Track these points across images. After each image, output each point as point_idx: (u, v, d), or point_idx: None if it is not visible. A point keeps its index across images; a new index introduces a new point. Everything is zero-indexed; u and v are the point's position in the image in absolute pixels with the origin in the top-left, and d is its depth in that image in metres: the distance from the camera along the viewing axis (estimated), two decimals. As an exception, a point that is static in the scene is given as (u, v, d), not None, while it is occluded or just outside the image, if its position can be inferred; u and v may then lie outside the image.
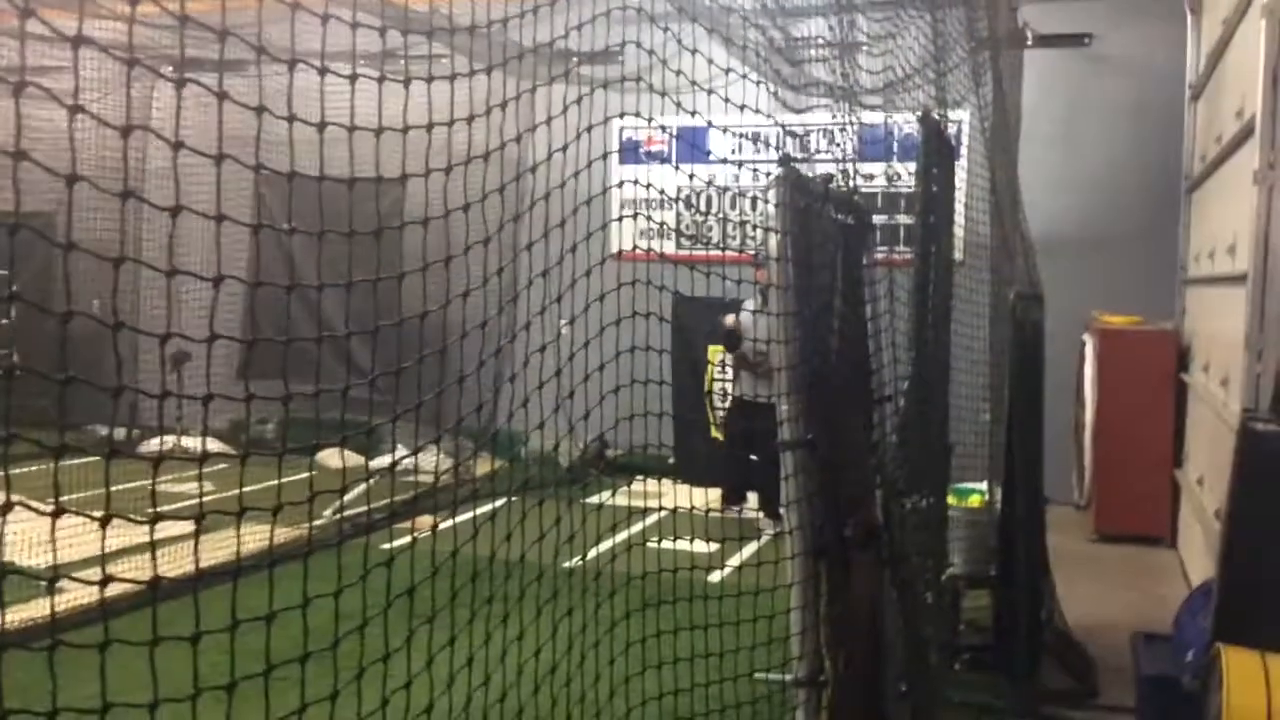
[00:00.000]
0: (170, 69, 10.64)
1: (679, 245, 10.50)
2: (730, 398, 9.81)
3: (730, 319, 9.27)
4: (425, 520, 3.10)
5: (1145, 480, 9.38)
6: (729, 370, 9.91)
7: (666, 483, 8.37)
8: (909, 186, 6.08)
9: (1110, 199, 10.74)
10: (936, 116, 5.23)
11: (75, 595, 4.99)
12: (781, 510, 4.03)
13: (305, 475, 2.40)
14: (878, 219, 5.51)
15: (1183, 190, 10.33)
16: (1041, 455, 6.57)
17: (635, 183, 3.94)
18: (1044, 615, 6.43)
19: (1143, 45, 10.72)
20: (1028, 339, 6.42)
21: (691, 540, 4.31)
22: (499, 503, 3.53)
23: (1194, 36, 10.25)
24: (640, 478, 5.97)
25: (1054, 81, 10.70)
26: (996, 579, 6.29)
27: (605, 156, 3.71)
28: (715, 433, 10.59)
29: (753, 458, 9.19)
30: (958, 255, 6.46)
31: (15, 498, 1.64)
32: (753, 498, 9.72)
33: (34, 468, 1.86)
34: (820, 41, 4.33)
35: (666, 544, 4.13)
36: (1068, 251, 10.15)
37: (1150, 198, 10.56)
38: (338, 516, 3.07)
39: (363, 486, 2.49)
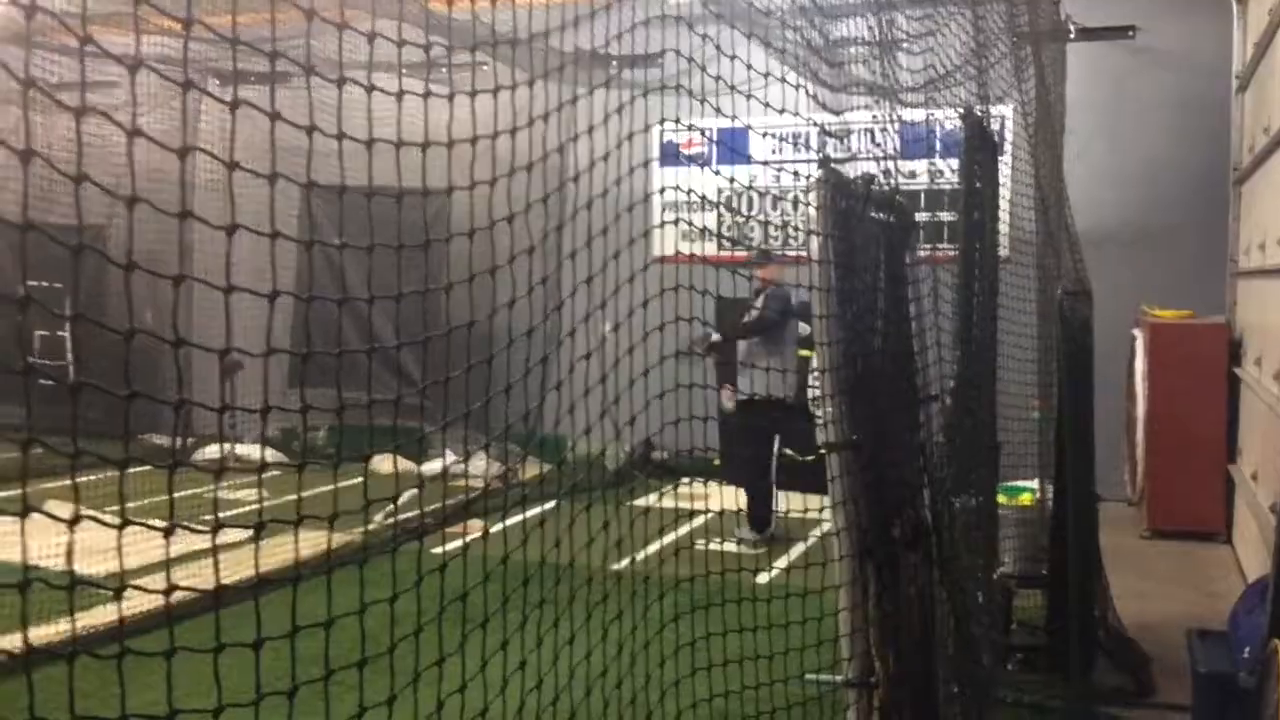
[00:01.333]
0: (216, 82, 10.80)
1: (720, 248, 10.50)
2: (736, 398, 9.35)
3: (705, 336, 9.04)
4: (476, 525, 3.14)
5: (1198, 475, 9.26)
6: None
7: (713, 485, 8.36)
8: (952, 184, 6.04)
9: (1157, 192, 10.63)
10: (978, 112, 5.21)
11: (137, 602, 5.10)
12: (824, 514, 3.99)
13: (358, 481, 2.44)
14: (921, 217, 5.49)
15: (1231, 181, 10.19)
16: (1093, 452, 6.52)
17: (676, 189, 3.96)
18: (1097, 613, 6.38)
19: (1187, 37, 10.59)
20: (1076, 335, 6.37)
21: (739, 543, 4.31)
22: (548, 506, 3.56)
23: (1240, 26, 10.11)
24: (686, 480, 5.97)
25: (1098, 75, 10.60)
26: (1048, 578, 6.24)
27: (646, 164, 3.74)
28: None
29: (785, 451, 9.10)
30: (1003, 252, 6.42)
31: (81, 510, 1.69)
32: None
33: (91, 477, 1.91)
34: (860, 41, 4.33)
35: (714, 545, 4.15)
36: (1115, 246, 10.06)
37: (1198, 190, 10.43)
38: (390, 522, 3.12)
39: (413, 492, 2.50)
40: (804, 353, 9.97)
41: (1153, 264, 10.38)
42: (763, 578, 7.21)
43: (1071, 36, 9.90)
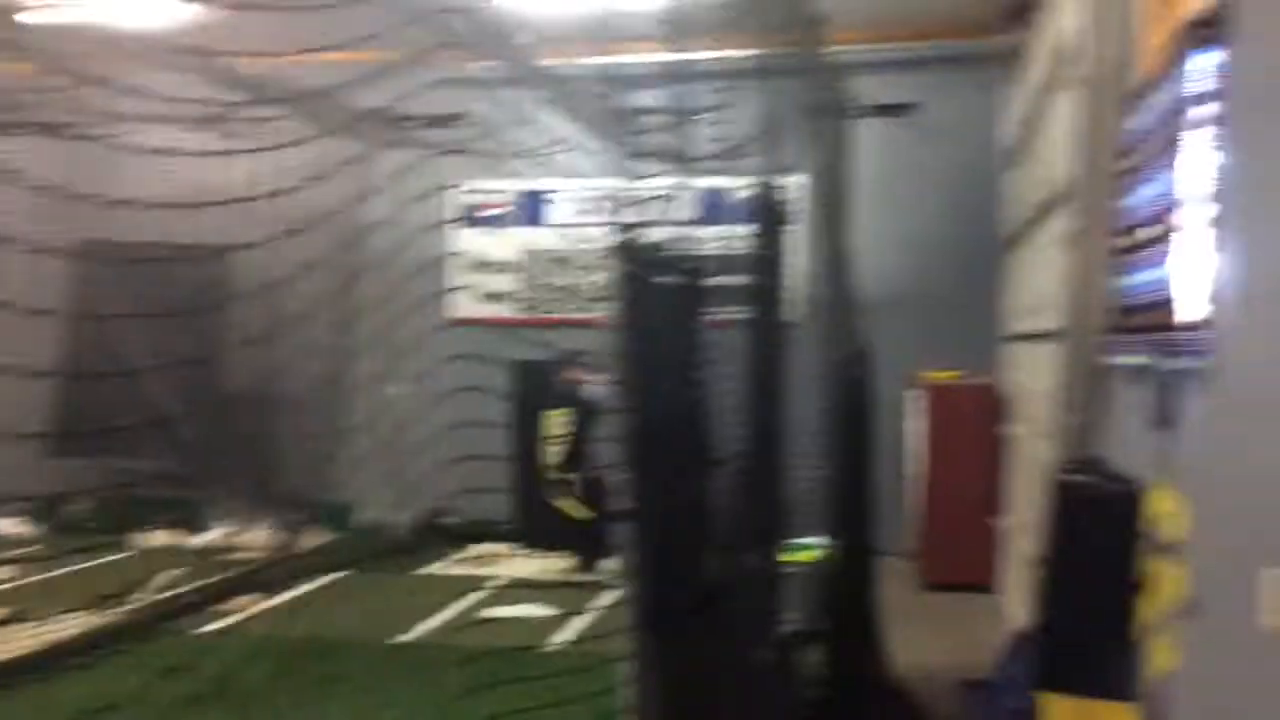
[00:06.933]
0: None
1: (522, 310, 10.50)
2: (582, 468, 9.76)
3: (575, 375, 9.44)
4: (245, 601, 2.96)
5: (969, 529, 9.74)
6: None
7: (506, 549, 8.23)
8: (745, 249, 6.20)
9: (935, 260, 11.23)
10: (769, 182, 5.38)
11: None
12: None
13: (124, 556, 2.28)
14: (714, 281, 5.62)
15: (1000, 251, 10.87)
16: (872, 508, 6.76)
17: (471, 255, 3.91)
18: (876, 666, 6.59)
19: (963, 114, 11.30)
20: (858, 395, 6.63)
21: (533, 616, 4.23)
22: (335, 577, 3.41)
23: (1009, 106, 10.86)
24: (479, 546, 5.81)
25: (882, 148, 11.15)
26: (830, 633, 6.41)
27: (444, 224, 3.68)
28: (564, 507, 10.26)
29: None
30: (792, 316, 6.62)
31: None
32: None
33: None
34: (656, 111, 4.43)
35: (505, 612, 4.05)
36: (896, 311, 10.52)
37: (972, 258, 11.07)
38: (155, 599, 2.89)
39: (175, 572, 2.34)
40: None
41: (929, 327, 10.93)
42: (554, 645, 7.12)
43: (858, 112, 10.40)
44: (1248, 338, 3.37)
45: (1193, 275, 3.72)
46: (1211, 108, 3.67)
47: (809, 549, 7.21)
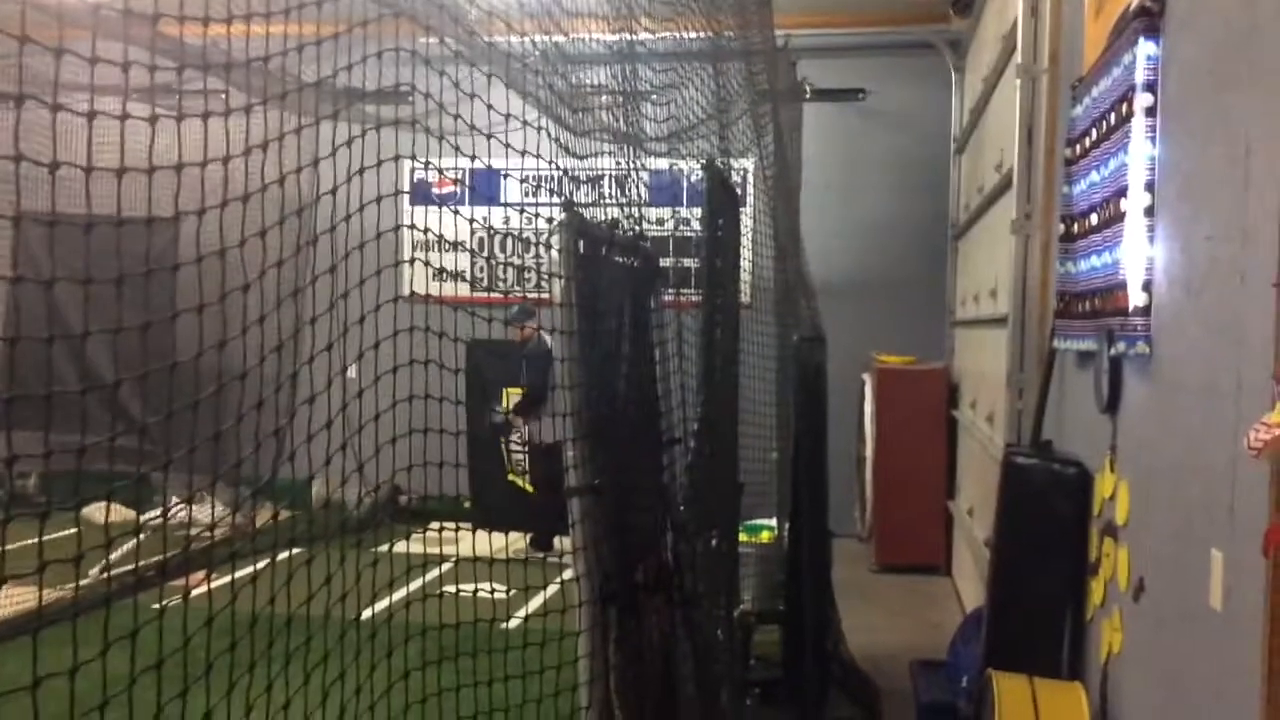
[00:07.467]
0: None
1: (474, 289, 10.52)
2: (529, 443, 9.93)
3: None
4: (199, 576, 2.94)
5: (921, 511, 9.86)
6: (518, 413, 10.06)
7: (464, 525, 8.23)
8: (697, 231, 6.24)
9: (886, 245, 11.33)
10: (720, 165, 5.40)
11: None
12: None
13: (71, 532, 2.26)
14: (666, 263, 5.64)
15: (949, 237, 10.98)
16: (826, 490, 6.82)
17: (426, 231, 3.90)
18: (830, 646, 6.65)
19: (912, 101, 11.39)
20: (811, 379, 6.68)
21: (492, 591, 4.25)
22: (294, 552, 3.38)
23: (958, 93, 10.96)
24: (435, 524, 5.78)
25: (832, 133, 11.23)
26: (785, 613, 6.46)
27: (396, 195, 3.66)
28: (516, 479, 10.46)
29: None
30: (744, 299, 6.66)
31: None
32: (557, 542, 9.72)
33: None
34: (604, 89, 4.42)
35: (463, 592, 4.05)
36: (848, 295, 10.63)
37: (922, 244, 11.19)
38: (105, 576, 2.86)
39: (131, 543, 2.31)
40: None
41: (881, 312, 11.04)
42: (512, 623, 7.14)
43: (807, 97, 10.47)
44: (1185, 323, 3.43)
45: (1136, 261, 3.78)
46: (1150, 97, 3.73)
47: (765, 529, 7.27)
